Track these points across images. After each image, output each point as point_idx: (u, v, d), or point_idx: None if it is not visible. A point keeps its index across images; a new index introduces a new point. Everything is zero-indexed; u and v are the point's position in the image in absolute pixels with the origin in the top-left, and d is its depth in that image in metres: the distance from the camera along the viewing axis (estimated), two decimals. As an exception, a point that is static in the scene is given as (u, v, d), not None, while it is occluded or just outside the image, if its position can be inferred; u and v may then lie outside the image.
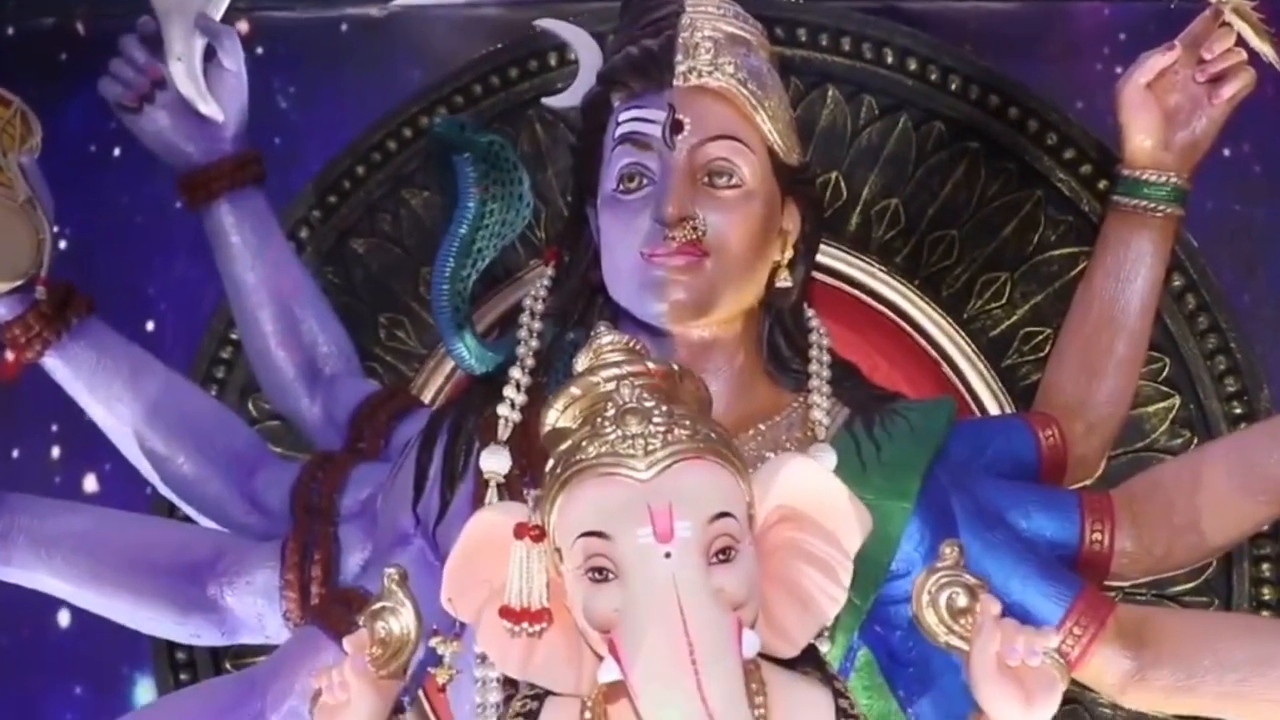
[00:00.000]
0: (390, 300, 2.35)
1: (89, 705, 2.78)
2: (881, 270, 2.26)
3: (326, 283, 2.31)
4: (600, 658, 1.41)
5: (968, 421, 2.12)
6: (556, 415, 1.48)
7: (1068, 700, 2.11)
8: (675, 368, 1.49)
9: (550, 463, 1.45)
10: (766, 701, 1.42)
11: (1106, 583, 1.91)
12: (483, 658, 1.75)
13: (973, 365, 2.23)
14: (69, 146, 2.76)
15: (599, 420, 1.43)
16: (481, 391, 1.94)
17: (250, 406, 2.34)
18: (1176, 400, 2.20)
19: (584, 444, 1.42)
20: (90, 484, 2.76)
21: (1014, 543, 1.85)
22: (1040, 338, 2.21)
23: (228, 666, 2.31)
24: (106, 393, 2.06)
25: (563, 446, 1.44)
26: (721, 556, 1.39)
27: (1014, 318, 2.23)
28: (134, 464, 2.11)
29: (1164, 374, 2.20)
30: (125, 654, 2.72)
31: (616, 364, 1.46)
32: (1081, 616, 1.82)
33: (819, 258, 2.16)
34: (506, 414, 1.85)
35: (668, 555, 1.36)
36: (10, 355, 2.09)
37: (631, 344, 1.50)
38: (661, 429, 1.41)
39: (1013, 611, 1.56)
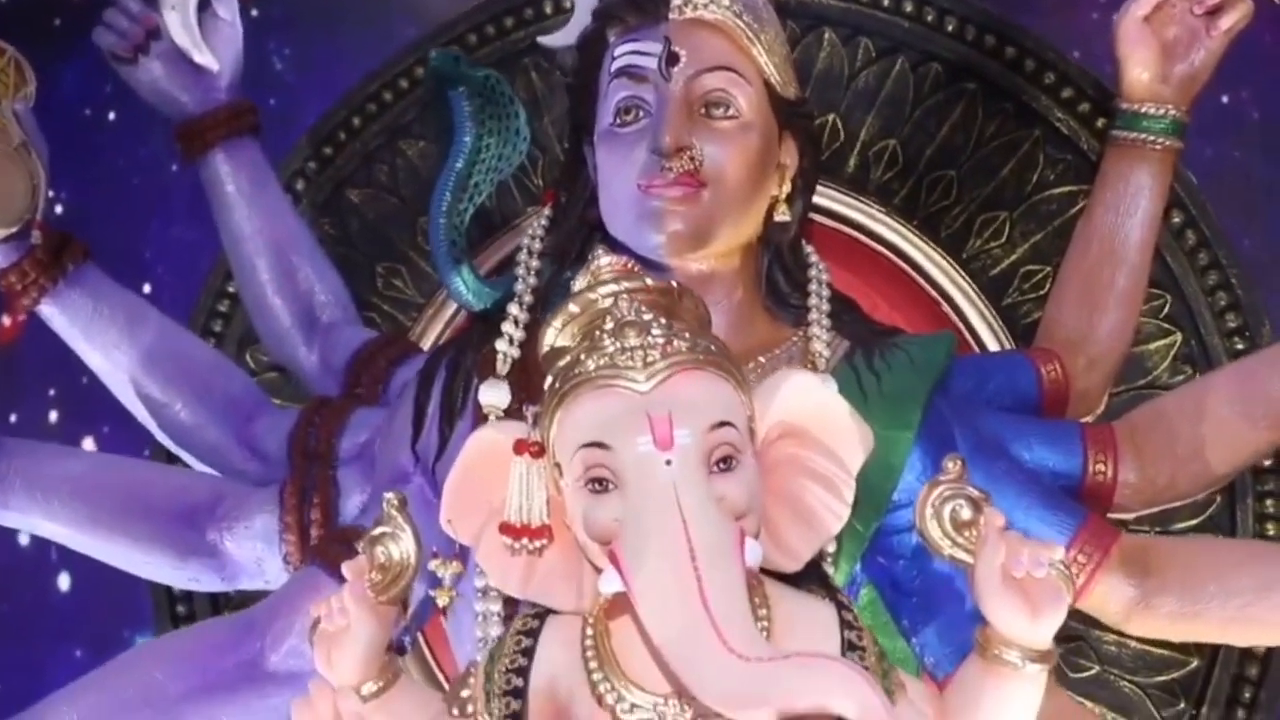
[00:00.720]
0: (387, 250, 2.35)
1: (90, 668, 2.76)
2: (880, 211, 2.25)
3: (323, 234, 2.30)
4: (601, 572, 1.40)
5: (968, 357, 2.12)
6: (555, 334, 1.47)
7: (1072, 636, 2.13)
8: (674, 285, 1.48)
9: (549, 379, 1.44)
10: (770, 615, 1.40)
11: (1110, 515, 1.91)
12: (484, 591, 1.75)
13: (973, 304, 2.22)
14: (64, 111, 2.75)
15: (597, 334, 1.42)
16: (480, 329, 1.93)
17: (248, 359, 2.34)
18: (1178, 337, 2.18)
19: (582, 358, 1.41)
20: (88, 446, 2.75)
21: (1016, 473, 1.84)
22: (1040, 276, 2.20)
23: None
24: (103, 340, 2.05)
25: (561, 363, 1.43)
26: (722, 465, 1.37)
27: (1013, 256, 2.22)
28: (132, 411, 2.10)
29: (1165, 311, 2.19)
30: (126, 616, 2.71)
31: (614, 280, 1.45)
32: (1085, 545, 1.81)
33: (817, 200, 2.16)
34: (505, 349, 1.84)
35: (668, 463, 1.35)
36: (7, 319, 2.09)
37: (629, 265, 1.49)
38: (660, 341, 1.40)
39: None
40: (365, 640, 1.53)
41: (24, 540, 2.77)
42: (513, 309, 1.86)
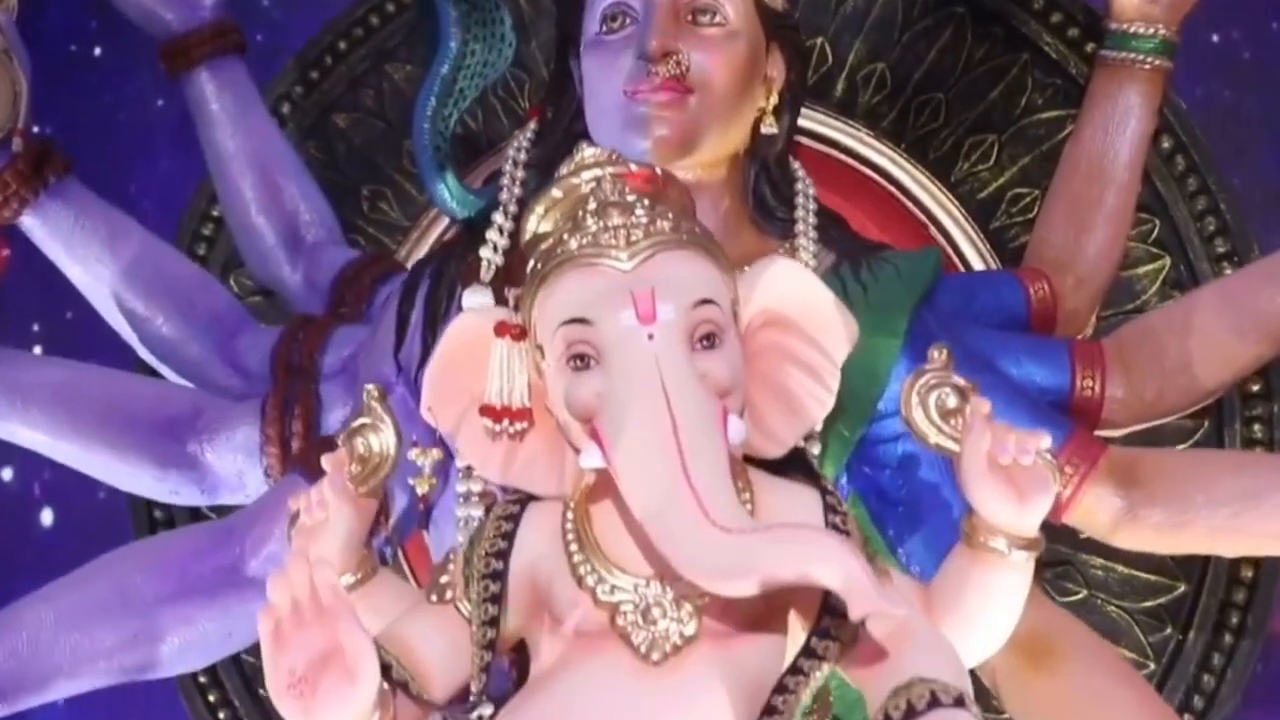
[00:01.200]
0: (373, 173, 2.33)
1: (73, 603, 2.77)
2: (868, 135, 2.24)
3: (309, 158, 2.29)
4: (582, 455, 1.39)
5: (955, 274, 2.11)
6: (537, 220, 1.45)
7: (1060, 561, 2.12)
8: (659, 171, 1.47)
9: (530, 262, 1.43)
10: (753, 499, 1.39)
11: (1098, 433, 1.90)
12: (465, 497, 1.73)
13: (960, 228, 2.21)
14: (50, 46, 2.74)
15: (580, 215, 1.41)
16: (464, 238, 1.92)
17: (231, 284, 2.32)
18: (1166, 261, 2.17)
19: (565, 238, 1.40)
20: (73, 381, 2.73)
21: (1003, 387, 1.83)
22: (1028, 199, 2.19)
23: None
24: (85, 252, 2.04)
25: (543, 245, 1.42)
26: (705, 343, 1.36)
27: (1002, 179, 2.21)
28: (114, 326, 2.09)
29: (1154, 235, 2.18)
30: (108, 551, 2.70)
31: (598, 165, 1.44)
32: (1073, 456, 1.80)
33: (806, 124, 2.15)
34: (489, 256, 1.82)
35: (650, 337, 1.34)
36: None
37: (614, 153, 1.48)
38: (644, 221, 1.39)
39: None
40: (344, 532, 1.52)
41: (6, 476, 2.75)
42: (497, 217, 1.85)
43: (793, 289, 1.46)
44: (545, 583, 1.40)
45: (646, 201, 1.41)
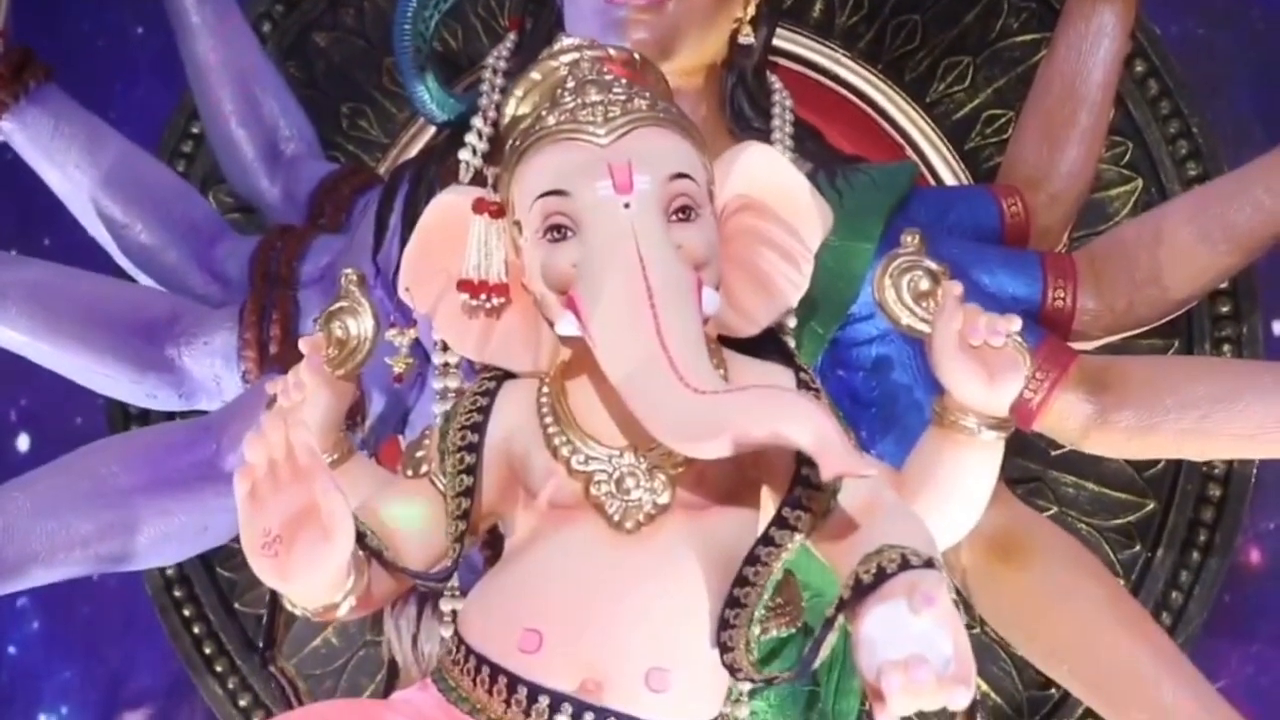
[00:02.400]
0: (352, 91, 2.35)
1: (51, 530, 2.78)
2: (845, 56, 2.26)
3: (289, 76, 2.29)
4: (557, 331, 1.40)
5: (930, 188, 2.13)
6: (516, 103, 1.46)
7: (1031, 478, 2.15)
8: (637, 56, 1.48)
9: (509, 142, 1.44)
10: (727, 375, 1.41)
11: (1070, 344, 1.92)
12: (443, 368, 1.73)
13: (935, 148, 2.23)
14: (29, -26, 2.74)
15: (558, 93, 1.42)
16: (443, 143, 1.92)
17: (211, 201, 2.32)
18: (1139, 184, 2.20)
19: (543, 115, 1.41)
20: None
21: (976, 296, 1.83)
22: (1002, 120, 2.21)
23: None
24: (64, 159, 2.04)
25: (522, 125, 1.43)
26: (681, 215, 1.37)
27: (976, 101, 2.23)
28: (93, 234, 2.09)
29: (1126, 158, 2.20)
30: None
31: (577, 49, 1.45)
32: (1044, 363, 1.82)
33: (784, 44, 2.17)
34: (468, 159, 1.83)
35: (626, 206, 1.35)
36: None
37: (592, 40, 1.49)
38: (621, 98, 1.40)
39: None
40: (321, 414, 1.53)
41: (-18, 402, 2.76)
42: (476, 122, 1.86)
43: (768, 174, 1.47)
44: (520, 456, 1.41)
45: (624, 81, 1.42)
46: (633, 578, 1.34)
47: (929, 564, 1.25)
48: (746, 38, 1.90)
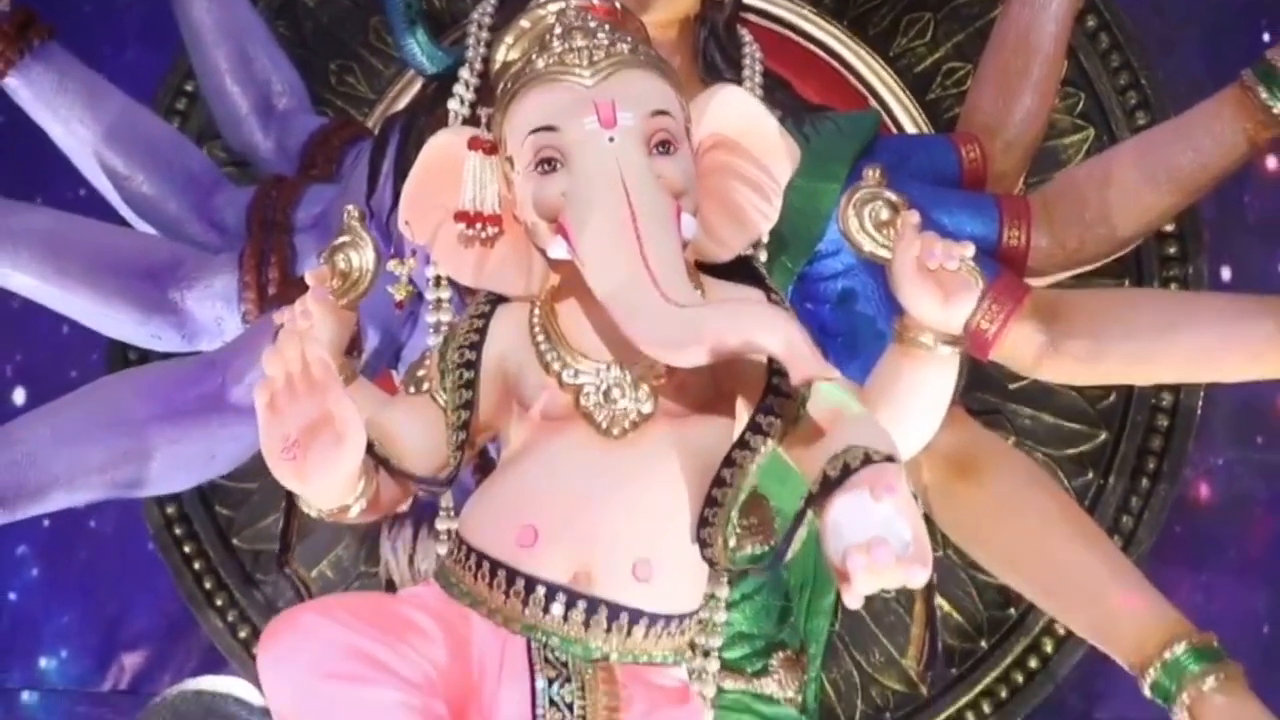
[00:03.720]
0: (340, 49, 2.45)
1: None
2: (813, 12, 2.38)
3: (279, 35, 2.39)
4: (548, 257, 1.51)
5: (893, 136, 2.24)
6: (506, 49, 1.57)
7: (990, 410, 2.27)
8: (618, 4, 1.58)
9: (500, 84, 1.55)
10: (704, 294, 1.52)
11: (1025, 280, 2.03)
12: (435, 327, 1.84)
13: (898, 99, 2.35)
14: (18, -59, 2.82)
15: (547, 38, 1.53)
16: (432, 93, 2.03)
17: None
18: (1091, 132, 2.32)
19: (533, 58, 1.52)
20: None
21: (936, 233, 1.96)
22: (961, 73, 2.33)
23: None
24: (68, 113, 2.14)
25: (513, 69, 1.54)
26: (661, 148, 1.48)
27: (937, 54, 2.35)
28: (95, 185, 2.19)
29: (1079, 108, 2.32)
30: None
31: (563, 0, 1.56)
32: (1000, 295, 1.94)
33: (755, 1, 2.28)
34: (456, 109, 1.93)
35: (611, 140, 1.46)
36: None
37: None
38: (605, 43, 1.51)
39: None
40: (326, 340, 1.62)
41: (-22, 357, 2.85)
42: (464, 73, 1.96)
43: (740, 113, 1.58)
44: (514, 372, 1.53)
45: (607, 27, 1.53)
46: (620, 478, 1.46)
47: (889, 459, 1.36)
48: None
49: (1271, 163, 2.58)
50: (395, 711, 1.36)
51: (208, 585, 2.44)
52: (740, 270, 1.59)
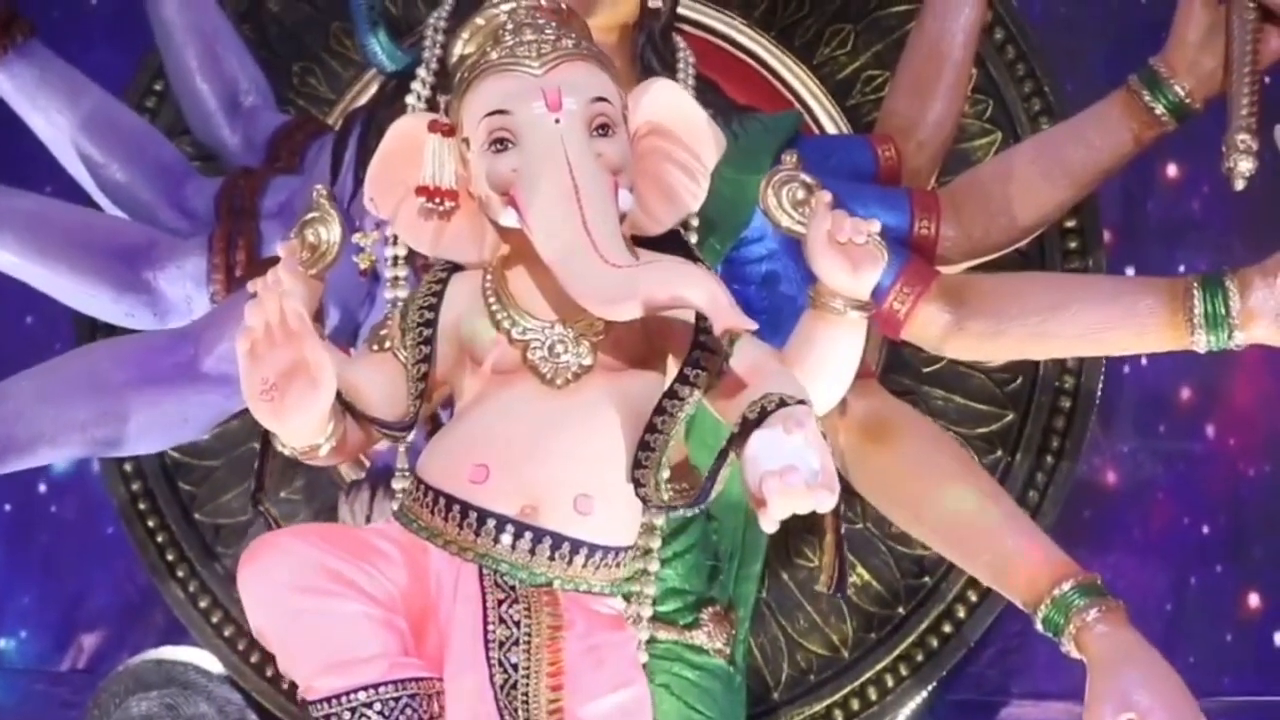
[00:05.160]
0: (302, 51, 2.61)
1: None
2: (742, 24, 2.54)
3: (244, 38, 2.54)
4: (500, 229, 1.68)
5: (814, 136, 2.42)
6: (463, 43, 1.74)
7: (906, 391, 2.43)
8: (564, 5, 1.76)
9: (457, 75, 1.72)
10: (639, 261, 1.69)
11: (936, 268, 2.21)
12: (393, 303, 2.00)
13: (821, 105, 2.52)
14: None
15: (499, 33, 1.70)
16: (391, 90, 2.19)
17: (174, 151, 2.57)
18: (998, 136, 2.49)
19: (487, 51, 1.69)
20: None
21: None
22: (880, 80, 2.50)
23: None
24: (48, 105, 2.29)
25: (469, 61, 1.71)
26: (600, 131, 1.66)
27: (857, 63, 2.52)
28: (72, 173, 2.34)
29: (988, 113, 2.50)
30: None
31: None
32: (910, 278, 2.11)
33: (688, 12, 2.45)
34: (414, 103, 2.09)
35: (557, 121, 1.63)
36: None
37: None
38: (552, 38, 1.68)
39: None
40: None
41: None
42: (420, 72, 2.12)
43: (671, 103, 1.76)
44: (468, 332, 1.69)
45: (554, 24, 1.70)
46: (563, 423, 1.63)
47: (803, 403, 1.54)
48: (655, 2, 2.18)
49: (1172, 169, 2.80)
50: (360, 621, 1.53)
51: (170, 558, 2.57)
52: (671, 244, 1.76)
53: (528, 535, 1.61)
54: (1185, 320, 1.97)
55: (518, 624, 1.58)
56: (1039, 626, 1.93)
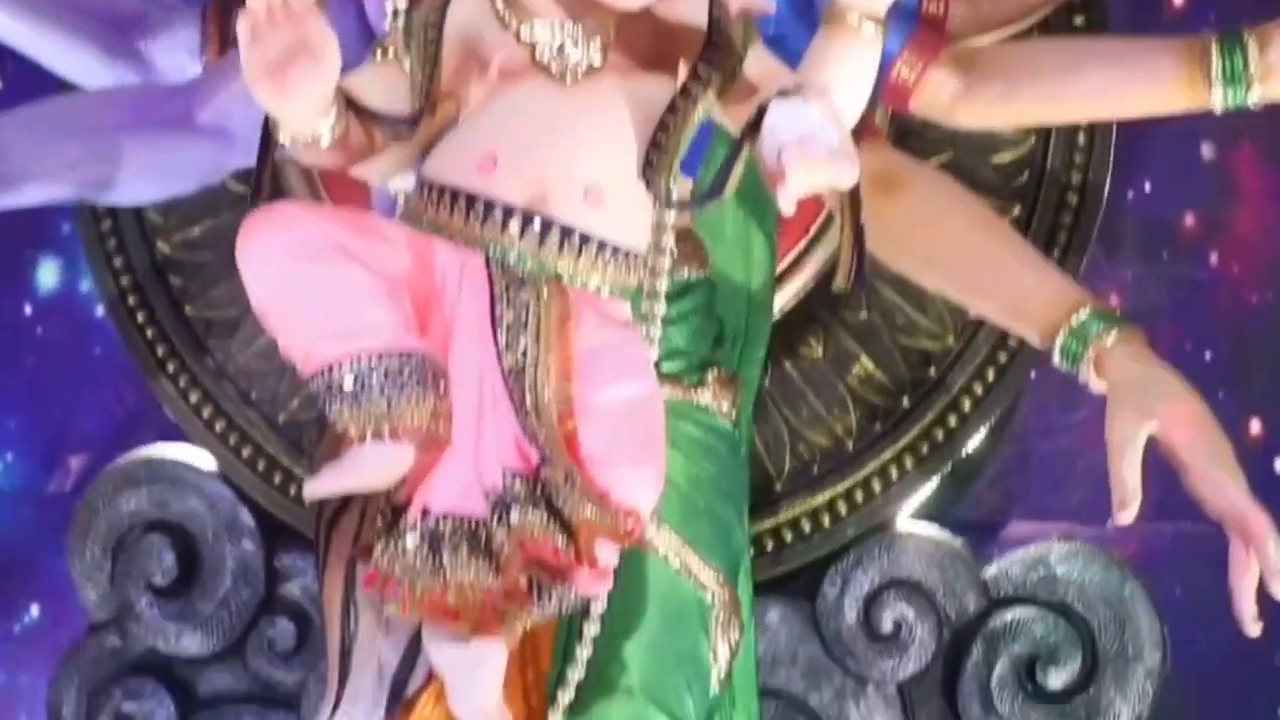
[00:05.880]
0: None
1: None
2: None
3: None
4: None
5: None
6: None
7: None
8: None
9: None
10: None
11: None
12: None
13: None
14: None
15: None
16: None
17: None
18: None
19: None
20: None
21: None
22: None
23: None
24: None
25: None
26: None
27: None
28: None
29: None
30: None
31: None
32: (919, 49, 2.07)
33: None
34: None
35: None
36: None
37: None
38: None
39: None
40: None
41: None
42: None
43: None
44: (475, 34, 1.65)
45: None
46: (574, 114, 1.60)
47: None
48: None
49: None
50: (364, 289, 1.50)
51: (160, 352, 2.53)
52: None
53: (536, 223, 1.58)
54: (1203, 76, 1.94)
55: (526, 307, 1.56)
56: (1055, 358, 1.91)
